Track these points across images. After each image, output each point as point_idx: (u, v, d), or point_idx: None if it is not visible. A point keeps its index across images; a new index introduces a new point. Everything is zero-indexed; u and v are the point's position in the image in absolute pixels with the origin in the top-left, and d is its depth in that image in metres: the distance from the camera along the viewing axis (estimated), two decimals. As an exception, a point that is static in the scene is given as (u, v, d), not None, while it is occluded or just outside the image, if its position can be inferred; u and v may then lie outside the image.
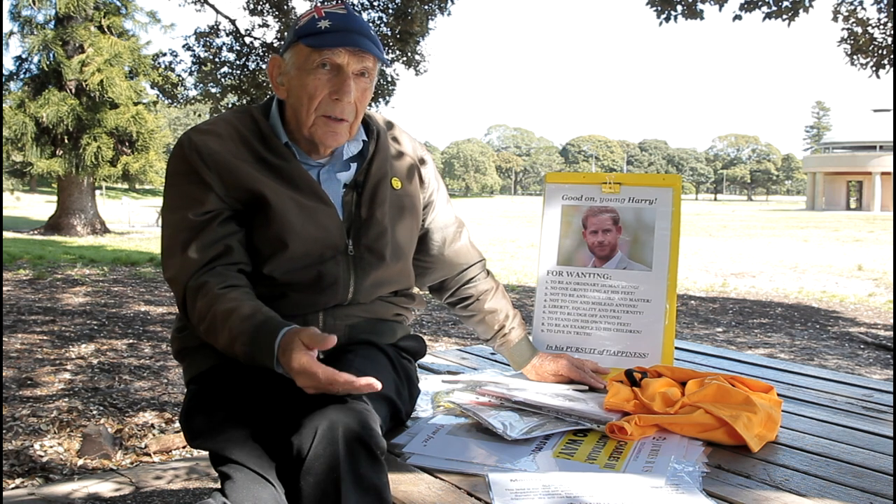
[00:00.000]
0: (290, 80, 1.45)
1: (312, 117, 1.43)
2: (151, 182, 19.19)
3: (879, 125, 50.29)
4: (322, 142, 1.46)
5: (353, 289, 1.49)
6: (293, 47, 1.44)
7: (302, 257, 1.43)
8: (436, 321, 6.64)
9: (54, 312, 6.35)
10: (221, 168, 1.40)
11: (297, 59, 1.43)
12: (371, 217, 1.49)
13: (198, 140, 1.42)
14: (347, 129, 1.46)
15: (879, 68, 8.89)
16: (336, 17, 1.41)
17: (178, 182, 1.43)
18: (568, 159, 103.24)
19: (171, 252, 1.41)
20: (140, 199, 34.93)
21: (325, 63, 1.41)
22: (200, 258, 1.38)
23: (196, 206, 1.40)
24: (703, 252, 15.12)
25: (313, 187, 1.46)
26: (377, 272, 1.51)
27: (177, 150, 1.45)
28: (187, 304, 1.38)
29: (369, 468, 1.17)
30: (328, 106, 1.42)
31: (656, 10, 8.56)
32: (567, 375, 1.73)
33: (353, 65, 1.42)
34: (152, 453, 3.22)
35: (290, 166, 1.45)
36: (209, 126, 1.46)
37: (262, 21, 11.51)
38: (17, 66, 17.41)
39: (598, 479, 1.23)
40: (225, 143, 1.43)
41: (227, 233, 1.41)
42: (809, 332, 6.73)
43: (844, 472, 1.29)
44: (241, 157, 1.42)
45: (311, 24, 1.41)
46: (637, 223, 1.88)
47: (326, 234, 1.45)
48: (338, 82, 1.41)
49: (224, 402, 1.38)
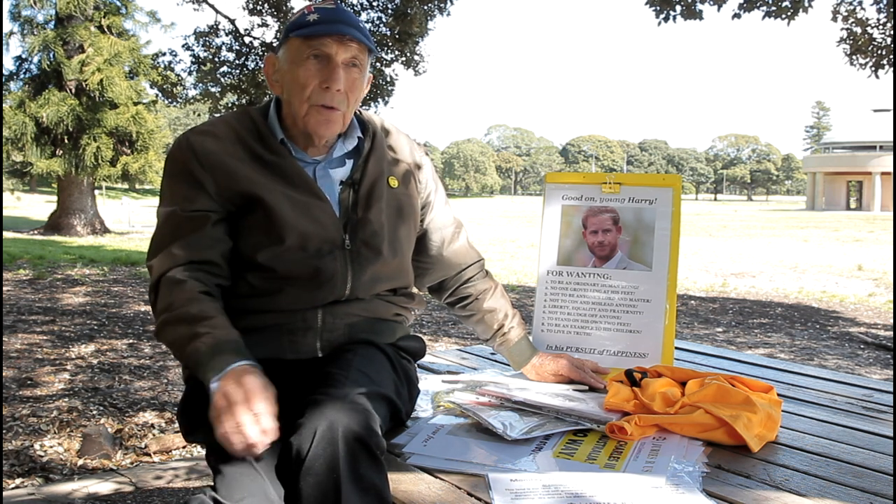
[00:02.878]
0: (283, 75, 1.49)
1: (305, 107, 1.46)
2: (151, 182, 19.19)
3: (879, 125, 50.29)
4: (315, 131, 1.48)
5: (350, 284, 1.49)
6: (286, 43, 1.49)
7: (298, 250, 1.44)
8: (436, 321, 6.64)
9: (54, 312, 6.35)
10: (216, 168, 1.44)
11: (290, 54, 1.47)
12: (367, 213, 1.51)
13: (194, 140, 1.46)
14: (340, 117, 1.48)
15: (879, 68, 8.89)
16: (325, 11, 1.46)
17: (173, 181, 1.47)
18: (568, 159, 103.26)
19: (157, 242, 1.45)
20: (140, 199, 34.93)
21: (315, 53, 1.45)
22: (185, 255, 1.41)
23: (186, 203, 1.43)
24: (703, 252, 15.13)
25: (307, 183, 1.48)
26: (374, 267, 1.51)
27: (174, 149, 1.49)
28: (159, 291, 1.40)
29: (369, 468, 1.17)
30: (319, 95, 1.45)
31: (655, 10, 8.56)
32: (567, 375, 1.73)
33: (341, 54, 1.45)
34: (152, 453, 3.22)
35: (285, 162, 1.48)
36: (207, 127, 1.50)
37: (262, 21, 11.52)
38: (17, 66, 17.42)
39: (598, 479, 1.23)
40: (221, 143, 1.46)
41: (215, 240, 1.44)
42: (809, 332, 6.73)
43: (844, 472, 1.29)
44: (236, 157, 1.45)
45: (301, 18, 1.47)
46: (637, 223, 1.88)
47: (321, 229, 1.46)
48: (327, 71, 1.45)
49: None
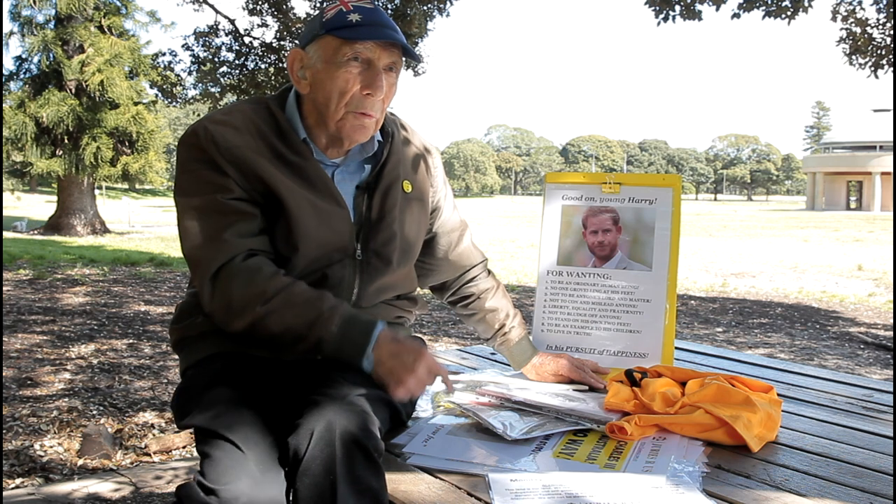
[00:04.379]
0: (315, 73, 1.41)
1: (342, 112, 1.40)
2: (151, 182, 19.20)
3: (879, 125, 50.29)
4: (350, 136, 1.42)
5: (356, 292, 1.48)
6: (320, 40, 1.40)
7: (311, 261, 1.41)
8: (436, 321, 6.64)
9: (54, 312, 6.35)
10: (239, 162, 1.36)
11: (326, 53, 1.39)
12: (381, 221, 1.48)
13: (214, 130, 1.37)
14: (374, 124, 1.44)
15: (878, 68, 8.90)
16: (365, 11, 1.39)
17: (196, 168, 1.37)
18: (568, 159, 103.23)
19: (201, 231, 1.35)
20: (140, 199, 34.91)
21: (357, 56, 1.38)
22: (243, 244, 1.34)
23: (223, 191, 1.35)
24: (703, 252, 15.12)
25: (329, 188, 1.43)
26: (383, 278, 1.50)
27: (191, 138, 1.39)
28: (222, 282, 1.32)
29: (366, 470, 1.17)
30: (359, 102, 1.39)
31: (654, 11, 8.56)
32: (567, 375, 1.73)
33: (383, 59, 1.40)
34: (152, 453, 3.22)
35: (308, 164, 1.42)
36: (225, 116, 1.41)
37: (262, 21, 11.51)
38: (17, 66, 17.43)
39: (598, 479, 1.23)
40: (242, 136, 1.38)
41: (263, 230, 1.38)
42: (809, 332, 6.73)
43: (844, 472, 1.28)
44: (258, 152, 1.38)
45: (341, 16, 1.38)
46: (637, 223, 1.88)
47: (338, 238, 1.43)
48: (370, 77, 1.39)
49: (218, 382, 1.34)
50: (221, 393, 1.31)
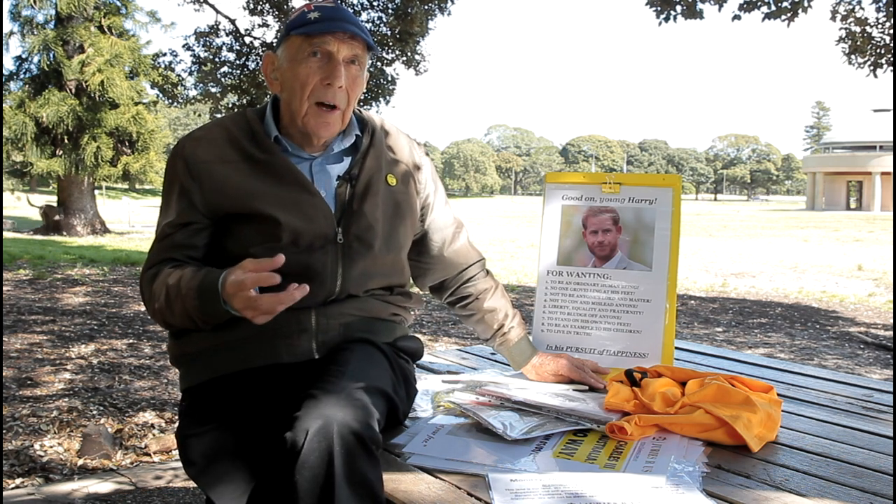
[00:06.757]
0: (283, 73, 1.49)
1: (305, 105, 1.46)
2: (151, 182, 19.19)
3: (879, 125, 50.31)
4: (315, 132, 1.48)
5: (341, 279, 1.49)
6: (285, 41, 1.49)
7: (289, 246, 1.44)
8: (436, 321, 6.64)
9: (54, 312, 6.35)
10: (205, 176, 1.46)
11: (290, 52, 1.47)
12: (362, 208, 1.51)
13: (188, 148, 1.49)
14: (339, 117, 1.49)
15: (877, 68, 8.90)
16: (325, 9, 1.46)
17: (166, 189, 1.53)
18: (568, 159, 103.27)
19: (150, 253, 1.53)
20: (140, 199, 34.93)
21: (316, 51, 1.45)
22: (160, 256, 1.48)
23: (172, 216, 1.49)
24: (703, 252, 15.13)
25: (298, 179, 1.48)
26: (366, 262, 1.51)
27: (170, 155, 1.52)
28: (144, 295, 1.48)
29: (364, 463, 1.18)
30: (320, 92, 1.45)
31: (656, 10, 8.56)
32: (567, 375, 1.73)
33: (343, 51, 1.46)
34: (152, 453, 3.22)
35: (275, 160, 1.48)
36: (203, 133, 1.53)
37: (262, 21, 11.54)
38: (17, 66, 17.40)
39: (598, 479, 1.23)
40: (214, 149, 1.48)
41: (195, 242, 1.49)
42: (809, 332, 6.73)
43: (844, 472, 1.29)
44: (227, 159, 1.48)
45: (302, 16, 1.47)
46: (637, 223, 1.88)
47: (312, 224, 1.46)
48: (329, 68, 1.45)
49: (210, 426, 1.40)
50: (209, 443, 1.38)
